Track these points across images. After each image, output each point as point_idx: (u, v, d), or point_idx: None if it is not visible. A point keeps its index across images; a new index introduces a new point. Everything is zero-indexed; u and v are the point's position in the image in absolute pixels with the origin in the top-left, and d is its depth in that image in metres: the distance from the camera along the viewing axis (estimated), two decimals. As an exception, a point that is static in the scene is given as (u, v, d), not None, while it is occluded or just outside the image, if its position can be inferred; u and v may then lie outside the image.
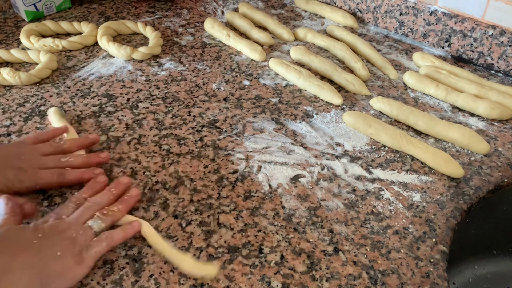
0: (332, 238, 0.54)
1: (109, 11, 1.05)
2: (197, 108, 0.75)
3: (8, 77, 0.77)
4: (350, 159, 0.66)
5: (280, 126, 0.71)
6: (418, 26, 0.92)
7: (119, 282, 0.48)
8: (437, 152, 0.64)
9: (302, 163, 0.64)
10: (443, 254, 0.53)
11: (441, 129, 0.69)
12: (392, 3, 0.94)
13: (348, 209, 0.58)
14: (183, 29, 0.98)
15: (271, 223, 0.56)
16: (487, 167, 0.65)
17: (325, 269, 0.51)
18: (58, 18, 1.00)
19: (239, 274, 0.50)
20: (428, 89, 0.79)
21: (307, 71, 0.81)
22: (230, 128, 0.71)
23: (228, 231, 0.54)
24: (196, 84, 0.81)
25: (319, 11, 1.05)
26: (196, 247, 0.52)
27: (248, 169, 0.63)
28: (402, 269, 0.51)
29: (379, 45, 0.93)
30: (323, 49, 0.93)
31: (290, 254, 0.52)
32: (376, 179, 0.62)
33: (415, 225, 0.56)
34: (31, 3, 0.97)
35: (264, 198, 0.59)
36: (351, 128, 0.71)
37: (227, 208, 0.58)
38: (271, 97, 0.78)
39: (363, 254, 0.53)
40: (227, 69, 0.85)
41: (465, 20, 0.85)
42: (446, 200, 0.60)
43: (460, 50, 0.88)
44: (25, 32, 0.89)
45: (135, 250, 0.52)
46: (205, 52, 0.90)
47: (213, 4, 1.09)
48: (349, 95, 0.79)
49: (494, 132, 0.72)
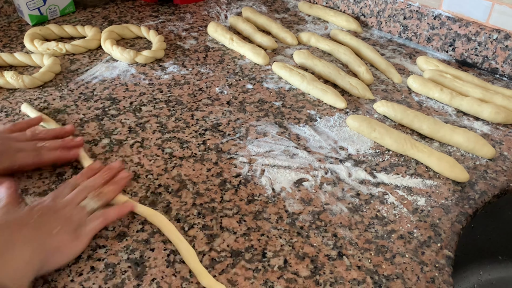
0: (336, 243, 0.54)
1: (113, 15, 1.05)
2: (200, 112, 0.74)
3: (12, 80, 0.77)
4: (354, 163, 0.65)
5: (284, 129, 0.71)
6: (422, 30, 0.92)
7: (121, 286, 0.48)
8: (442, 156, 0.64)
9: (305, 167, 0.64)
10: (448, 259, 0.52)
11: (446, 133, 0.68)
12: (396, 7, 0.94)
13: (352, 213, 0.58)
14: (186, 33, 0.98)
15: (275, 227, 0.55)
16: (493, 171, 0.65)
17: (329, 274, 0.50)
18: (62, 22, 1.00)
19: (242, 278, 0.49)
20: (433, 93, 0.78)
21: (310, 75, 0.81)
22: (233, 132, 0.70)
23: (231, 235, 0.54)
24: (199, 88, 0.80)
25: (322, 15, 1.05)
26: (199, 250, 0.52)
27: (251, 173, 0.63)
28: (406, 274, 0.50)
29: (382, 49, 0.93)
30: (327, 53, 0.92)
31: (293, 258, 0.52)
32: (380, 183, 0.62)
33: (420, 229, 0.56)
34: (35, 7, 0.97)
35: (267, 202, 0.59)
36: (355, 132, 0.71)
37: (230, 211, 0.57)
38: (275, 100, 0.78)
39: (368, 258, 0.52)
40: (230, 73, 0.85)
41: (469, 24, 0.84)
42: (451, 205, 0.59)
43: (464, 54, 0.87)
44: (29, 36, 0.89)
45: (137, 253, 0.51)
46: (208, 56, 0.90)
47: (217, 8, 1.09)
48: (352, 99, 0.78)
49: (499, 136, 0.71)
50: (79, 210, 0.52)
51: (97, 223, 0.52)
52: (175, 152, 0.66)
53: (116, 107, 0.75)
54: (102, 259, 0.51)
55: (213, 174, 0.63)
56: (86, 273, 0.49)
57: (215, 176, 0.62)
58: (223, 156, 0.66)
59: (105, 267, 0.50)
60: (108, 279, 0.49)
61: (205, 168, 0.64)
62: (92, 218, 0.52)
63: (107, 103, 0.75)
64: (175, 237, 0.53)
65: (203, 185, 0.61)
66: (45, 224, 0.49)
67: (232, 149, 0.67)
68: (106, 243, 0.53)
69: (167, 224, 0.54)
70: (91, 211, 0.53)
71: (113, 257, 0.51)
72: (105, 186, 0.57)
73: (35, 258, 0.46)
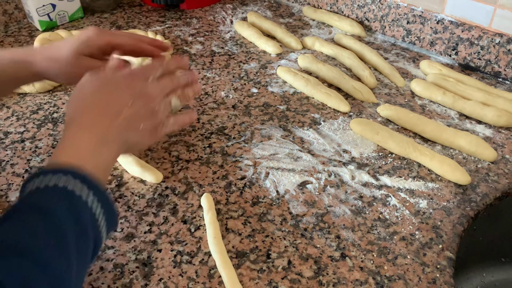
0: (339, 244, 0.55)
1: (121, 20, 1.07)
2: (206, 115, 0.76)
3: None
4: (357, 166, 0.66)
5: (288, 133, 0.72)
6: (425, 34, 0.93)
7: (129, 285, 0.49)
8: (444, 159, 0.65)
9: (309, 170, 0.65)
10: (449, 260, 0.53)
11: (448, 136, 0.69)
12: (399, 12, 0.95)
13: (355, 215, 0.59)
14: (192, 38, 1.00)
15: (279, 229, 0.56)
16: (494, 174, 0.65)
17: (332, 275, 0.51)
18: (71, 28, 1.02)
19: (247, 279, 0.50)
20: (435, 97, 0.79)
21: (314, 79, 0.82)
22: (238, 135, 0.72)
23: (236, 236, 0.55)
24: (205, 92, 0.82)
25: (326, 20, 1.06)
26: (204, 252, 0.53)
27: (256, 176, 0.64)
28: (408, 275, 0.51)
29: (386, 53, 0.94)
30: (331, 57, 0.93)
31: (297, 259, 0.53)
32: (383, 186, 0.63)
33: (422, 231, 0.57)
34: (45, 13, 0.99)
35: (272, 204, 0.60)
36: (359, 135, 0.72)
37: (235, 213, 0.58)
38: (279, 104, 0.79)
39: (370, 260, 0.53)
40: (235, 77, 0.86)
41: (472, 28, 0.85)
42: (453, 207, 0.60)
43: (467, 58, 0.88)
44: (38, 41, 0.91)
45: (145, 254, 0.53)
46: (214, 60, 0.92)
47: (222, 13, 1.11)
48: (356, 103, 0.80)
49: (501, 139, 0.72)
50: (166, 107, 0.53)
51: (174, 128, 0.55)
52: (182, 155, 0.67)
53: (124, 111, 0.76)
54: (111, 259, 0.52)
55: (219, 176, 0.64)
56: (95, 273, 0.51)
57: (220, 179, 0.63)
58: (229, 159, 0.67)
59: (114, 267, 0.51)
60: (117, 279, 0.50)
61: (211, 170, 0.65)
62: (172, 123, 0.54)
63: (115, 107, 0.77)
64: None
65: (209, 187, 0.62)
66: (135, 117, 0.50)
67: (237, 152, 0.68)
68: (115, 244, 0.54)
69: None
70: (174, 109, 0.55)
71: (121, 257, 0.52)
72: (186, 89, 0.57)
73: (121, 150, 0.49)
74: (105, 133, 0.47)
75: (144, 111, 0.50)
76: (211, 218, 0.56)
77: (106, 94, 0.50)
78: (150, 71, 0.54)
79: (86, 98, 0.49)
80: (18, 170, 0.65)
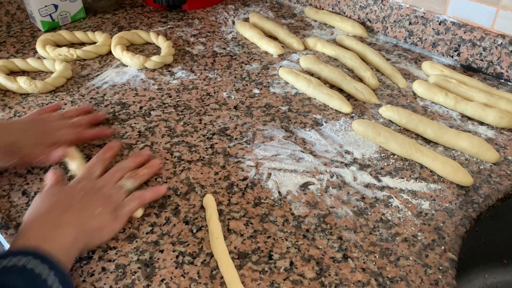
0: (341, 245, 0.55)
1: (123, 21, 1.07)
2: (208, 116, 0.76)
3: (25, 86, 0.79)
4: (359, 167, 0.66)
5: (290, 134, 0.72)
6: (427, 35, 0.93)
7: (131, 286, 0.49)
8: (446, 161, 0.65)
9: (311, 171, 0.65)
10: (452, 262, 0.53)
11: (450, 137, 0.69)
12: (401, 13, 0.95)
13: (357, 216, 0.59)
14: (194, 38, 1.00)
15: (281, 230, 0.56)
16: (497, 175, 0.65)
17: (334, 276, 0.51)
18: (73, 28, 1.02)
19: (249, 280, 0.50)
20: (437, 98, 0.79)
21: (316, 80, 0.82)
22: (240, 136, 0.72)
23: (238, 237, 0.55)
24: (207, 93, 0.82)
25: (328, 20, 1.06)
26: (206, 252, 0.53)
27: (258, 176, 0.64)
28: (410, 276, 0.51)
29: (388, 54, 0.94)
30: (333, 58, 0.93)
31: (299, 260, 0.53)
32: (385, 187, 0.63)
33: (424, 232, 0.56)
34: (47, 14, 0.99)
35: (274, 205, 0.60)
36: (360, 136, 0.72)
37: (237, 214, 0.58)
38: (281, 105, 0.79)
39: (372, 261, 0.53)
40: (237, 78, 0.86)
41: (474, 30, 0.85)
42: (455, 208, 0.60)
43: (469, 59, 0.88)
44: (41, 42, 0.91)
45: (147, 255, 0.53)
46: (216, 61, 0.92)
47: (224, 14, 1.11)
48: (358, 104, 0.79)
49: (503, 140, 0.72)
50: (117, 190, 0.56)
51: (134, 205, 0.56)
52: (184, 156, 0.67)
53: (126, 111, 0.76)
54: (113, 260, 0.52)
55: (221, 177, 0.64)
56: (97, 273, 0.51)
57: (222, 180, 0.64)
58: (231, 160, 0.67)
59: (116, 268, 0.51)
60: (119, 279, 0.50)
61: (212, 171, 0.65)
62: (130, 200, 0.56)
63: (117, 108, 0.77)
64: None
65: (211, 188, 0.62)
66: (87, 205, 0.53)
67: (239, 153, 0.68)
68: (117, 244, 0.54)
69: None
70: (127, 191, 0.57)
71: (123, 258, 0.52)
72: (140, 169, 0.61)
73: (80, 238, 0.50)
74: (57, 219, 0.50)
75: (96, 198, 0.54)
76: (213, 219, 0.56)
77: (56, 197, 0.53)
78: (92, 170, 0.58)
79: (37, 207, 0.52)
80: (20, 170, 0.65)
